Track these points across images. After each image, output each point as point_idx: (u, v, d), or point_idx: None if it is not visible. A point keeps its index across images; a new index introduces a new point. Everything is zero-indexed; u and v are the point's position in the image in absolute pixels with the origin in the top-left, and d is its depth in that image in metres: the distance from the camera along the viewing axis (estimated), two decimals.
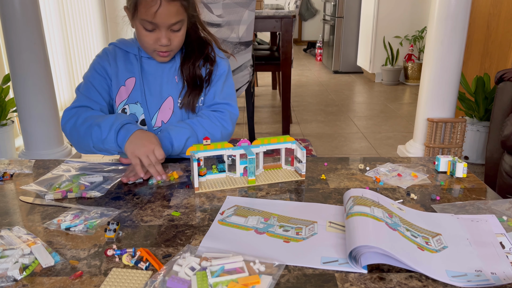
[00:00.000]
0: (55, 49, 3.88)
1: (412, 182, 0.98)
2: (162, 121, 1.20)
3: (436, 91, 2.50)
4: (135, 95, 1.19)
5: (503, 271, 0.65)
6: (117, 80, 1.18)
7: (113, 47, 1.22)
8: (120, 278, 0.64)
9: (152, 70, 1.19)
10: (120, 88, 1.18)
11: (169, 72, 1.19)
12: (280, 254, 0.70)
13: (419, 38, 4.79)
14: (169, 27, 1.07)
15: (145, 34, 1.08)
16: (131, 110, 1.19)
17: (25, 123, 2.45)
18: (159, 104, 1.19)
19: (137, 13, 1.05)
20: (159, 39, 1.07)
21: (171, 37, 1.09)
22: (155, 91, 1.19)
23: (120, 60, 1.19)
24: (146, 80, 1.19)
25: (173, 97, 1.19)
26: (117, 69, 1.18)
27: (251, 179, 0.97)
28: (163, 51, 1.11)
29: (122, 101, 1.19)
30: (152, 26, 1.06)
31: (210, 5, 2.37)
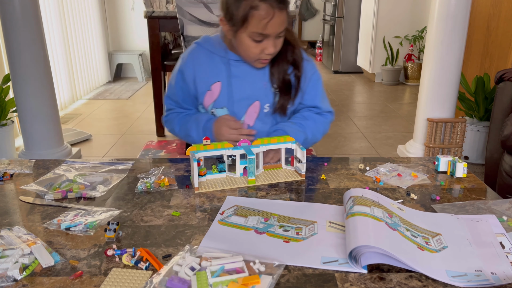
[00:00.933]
0: (55, 49, 3.87)
1: (412, 182, 0.98)
2: (248, 124, 1.21)
3: (436, 91, 2.50)
4: (222, 100, 1.19)
5: (503, 271, 0.65)
6: (202, 86, 1.19)
7: (197, 48, 1.21)
8: (120, 278, 0.64)
9: (240, 74, 1.18)
10: (207, 93, 1.19)
11: (257, 76, 1.18)
12: (280, 254, 0.70)
13: (419, 38, 4.78)
14: (277, 36, 1.07)
15: (253, 46, 1.07)
16: (217, 113, 1.20)
17: (25, 123, 2.45)
18: (246, 108, 1.20)
19: (247, 26, 1.04)
20: (266, 48, 1.07)
21: (276, 44, 1.09)
22: (242, 95, 1.18)
23: (205, 64, 1.18)
24: (233, 84, 1.18)
25: (260, 102, 1.19)
26: (202, 74, 1.18)
27: (251, 179, 0.97)
28: (267, 58, 1.11)
29: (209, 105, 1.21)
30: (262, 37, 1.05)
31: (210, 5, 2.37)
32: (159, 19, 2.89)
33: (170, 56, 3.31)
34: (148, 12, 2.87)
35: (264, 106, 1.20)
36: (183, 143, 3.04)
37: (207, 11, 2.39)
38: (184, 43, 2.49)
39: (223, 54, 1.17)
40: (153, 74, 3.06)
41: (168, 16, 2.86)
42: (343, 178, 1.01)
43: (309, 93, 1.22)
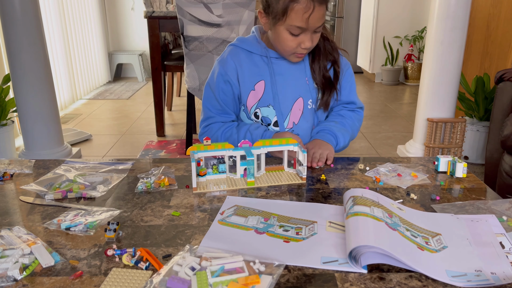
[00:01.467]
0: (55, 49, 3.87)
1: (412, 182, 0.98)
2: (293, 122, 1.20)
3: (436, 91, 2.50)
4: (267, 98, 1.18)
5: (503, 271, 0.65)
6: (245, 86, 1.18)
7: (236, 49, 1.19)
8: (120, 278, 0.64)
9: (282, 71, 1.18)
10: (250, 93, 1.18)
11: (299, 72, 1.19)
12: (280, 254, 0.70)
13: (419, 38, 4.78)
14: (315, 30, 1.07)
15: (290, 39, 1.07)
16: (263, 113, 1.19)
17: (25, 123, 2.45)
18: (291, 105, 1.19)
19: (286, 19, 1.04)
20: (303, 42, 1.07)
21: (313, 38, 1.09)
22: (286, 92, 1.18)
23: (246, 64, 1.18)
24: (276, 82, 1.18)
25: (303, 98, 1.19)
26: (244, 74, 1.17)
27: (250, 180, 0.97)
28: (303, 53, 1.11)
29: (253, 105, 1.19)
30: (299, 30, 1.05)
31: (210, 5, 2.37)
32: (159, 19, 2.89)
33: (170, 56, 3.31)
34: (148, 12, 2.87)
35: (307, 102, 1.20)
36: (183, 143, 3.04)
37: (207, 11, 2.39)
38: (184, 43, 2.49)
39: (263, 53, 1.17)
40: (153, 74, 3.06)
41: (168, 16, 2.86)
42: (343, 178, 1.01)
43: (345, 89, 1.23)
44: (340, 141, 1.17)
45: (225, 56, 1.20)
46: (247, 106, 1.20)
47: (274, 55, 1.17)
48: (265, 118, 1.20)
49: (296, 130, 1.21)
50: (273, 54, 1.17)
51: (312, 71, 1.18)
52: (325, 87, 1.19)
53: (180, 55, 3.19)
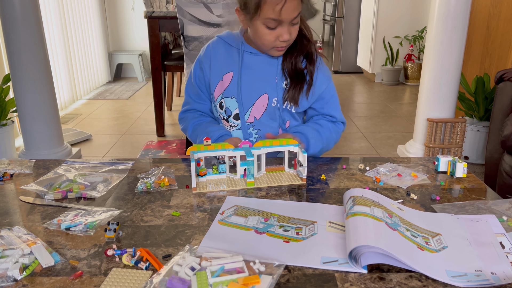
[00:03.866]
0: (55, 49, 3.87)
1: (412, 182, 0.98)
2: (255, 117, 1.21)
3: (436, 91, 2.50)
4: (232, 89, 1.20)
5: (503, 271, 0.65)
6: (215, 75, 1.21)
7: (217, 40, 1.24)
8: (120, 278, 0.64)
9: (253, 65, 1.19)
10: (219, 83, 1.21)
11: (270, 69, 1.19)
12: (280, 254, 0.70)
13: (419, 38, 4.78)
14: (291, 22, 1.07)
15: (267, 33, 1.09)
16: (226, 104, 1.21)
17: (25, 123, 2.45)
18: (254, 100, 1.20)
19: (260, 13, 1.06)
20: (281, 35, 1.08)
21: (291, 31, 1.09)
22: (251, 86, 1.20)
23: (221, 55, 1.21)
24: (244, 75, 1.19)
25: (268, 95, 1.20)
26: (216, 64, 1.21)
27: (250, 181, 0.97)
28: (283, 46, 1.12)
29: (219, 95, 1.22)
30: (275, 23, 1.06)
31: (210, 5, 2.37)
32: (159, 19, 2.89)
33: (170, 56, 3.31)
34: (148, 12, 2.87)
35: (272, 100, 1.20)
36: (183, 143, 3.04)
37: (207, 11, 2.39)
38: (184, 43, 2.49)
39: (239, 46, 1.19)
40: (153, 74, 3.06)
41: (168, 16, 2.86)
42: (343, 178, 1.01)
43: (326, 102, 1.23)
44: (311, 147, 1.16)
45: (205, 46, 1.26)
46: (214, 95, 1.23)
47: (249, 50, 1.19)
48: (227, 109, 1.22)
49: (258, 125, 1.21)
50: (248, 48, 1.19)
51: (283, 66, 1.18)
52: (293, 79, 1.18)
53: (180, 55, 3.19)
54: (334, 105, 1.25)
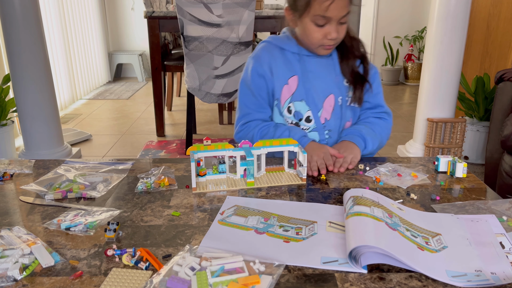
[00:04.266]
0: (55, 49, 3.87)
1: (412, 182, 0.98)
2: (325, 118, 1.21)
3: (436, 91, 2.50)
4: (300, 93, 1.19)
5: (503, 271, 0.65)
6: (279, 80, 1.19)
7: (269, 45, 1.22)
8: (120, 278, 0.64)
9: (313, 68, 1.20)
10: (284, 87, 1.20)
11: (329, 69, 1.21)
12: (280, 254, 0.70)
13: (419, 38, 4.78)
14: (339, 20, 1.09)
15: (315, 30, 1.10)
16: (296, 107, 1.20)
17: (25, 123, 2.45)
18: (322, 101, 1.20)
19: (310, 10, 1.08)
20: (329, 33, 1.09)
21: (339, 30, 1.11)
22: (318, 88, 1.20)
23: (279, 59, 1.20)
24: (308, 78, 1.19)
25: (334, 95, 1.20)
26: (278, 68, 1.20)
27: (250, 181, 0.97)
28: (330, 44, 1.13)
29: (287, 99, 1.20)
30: (324, 20, 1.08)
31: (210, 5, 2.37)
32: (159, 19, 2.89)
33: (170, 56, 3.31)
34: (148, 12, 2.87)
35: (337, 99, 1.21)
36: (183, 143, 3.04)
37: (207, 11, 2.39)
38: (184, 43, 2.49)
39: (295, 50, 1.19)
40: (153, 74, 3.06)
41: (168, 16, 2.86)
42: (343, 178, 1.01)
43: (376, 94, 1.25)
44: (368, 144, 1.17)
45: (258, 51, 1.23)
46: (281, 100, 1.21)
47: (306, 53, 1.19)
48: (298, 113, 1.20)
49: (328, 126, 1.21)
50: (305, 51, 1.19)
51: (342, 68, 1.20)
52: (356, 82, 1.20)
53: (180, 55, 3.19)
54: (380, 95, 1.27)
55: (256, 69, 1.20)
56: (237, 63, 2.53)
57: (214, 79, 2.55)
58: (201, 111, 3.90)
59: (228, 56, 2.49)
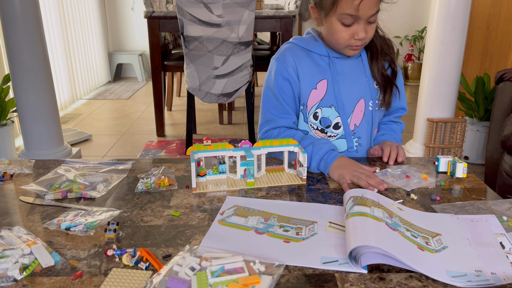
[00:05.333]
0: (55, 49, 3.87)
1: (420, 184, 0.96)
2: (355, 124, 1.16)
3: (436, 91, 2.50)
4: (329, 98, 1.13)
5: (503, 271, 0.65)
6: (307, 84, 1.13)
7: (294, 47, 1.15)
8: (120, 278, 0.64)
9: (343, 71, 1.14)
10: (311, 92, 1.13)
11: (359, 72, 1.15)
12: (280, 254, 0.70)
13: (419, 38, 4.79)
14: (367, 20, 1.03)
15: (342, 30, 1.04)
16: (323, 113, 1.14)
17: (25, 123, 2.45)
18: (353, 106, 1.15)
19: (337, 8, 1.02)
20: (356, 33, 1.04)
21: (367, 30, 1.05)
22: (348, 93, 1.14)
23: (306, 62, 1.13)
24: (338, 82, 1.13)
25: (364, 99, 1.15)
26: (304, 71, 1.12)
27: (250, 181, 0.97)
28: (358, 44, 1.07)
29: (314, 105, 1.14)
30: (352, 20, 1.02)
31: (210, 5, 2.37)
32: (159, 19, 2.89)
33: (170, 56, 3.31)
34: (148, 12, 2.87)
35: (368, 103, 1.16)
36: (183, 143, 3.04)
37: (207, 11, 2.39)
38: (184, 43, 2.49)
39: (323, 51, 1.13)
40: (153, 74, 3.06)
41: (168, 16, 2.86)
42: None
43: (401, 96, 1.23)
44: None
45: (282, 52, 1.16)
46: (307, 106, 1.14)
47: (335, 55, 1.13)
48: (325, 119, 1.14)
49: (358, 133, 1.16)
50: (335, 53, 1.13)
51: (372, 70, 1.15)
52: (386, 86, 1.16)
53: (180, 55, 3.19)
54: (404, 97, 1.25)
55: (281, 72, 1.13)
56: (237, 63, 2.53)
57: (214, 79, 2.55)
58: (201, 111, 3.90)
59: (228, 56, 2.49)
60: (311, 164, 1.04)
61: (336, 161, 1.02)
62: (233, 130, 3.39)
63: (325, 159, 1.03)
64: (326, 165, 1.02)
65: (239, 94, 2.66)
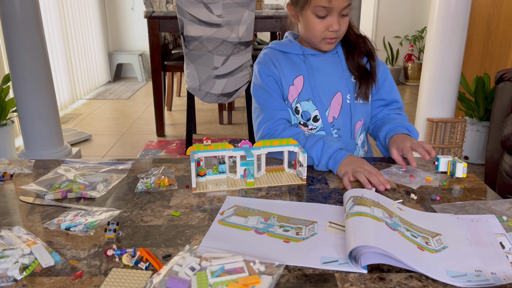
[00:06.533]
0: (55, 49, 3.87)
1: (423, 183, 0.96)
2: (333, 116, 1.20)
3: (436, 91, 2.50)
4: (306, 93, 1.19)
5: (503, 271, 0.65)
6: (285, 81, 1.19)
7: (271, 50, 1.23)
8: (120, 278, 0.64)
9: (319, 67, 1.20)
10: (290, 88, 1.19)
11: (335, 67, 1.21)
12: (280, 254, 0.70)
13: (419, 38, 4.79)
14: (340, 12, 1.09)
15: (317, 22, 1.10)
16: (303, 107, 1.19)
17: (25, 123, 2.45)
18: (329, 99, 1.20)
19: (311, 2, 1.08)
20: (330, 25, 1.09)
21: (340, 22, 1.11)
22: (324, 87, 1.19)
23: (283, 61, 1.20)
24: (314, 77, 1.19)
25: (341, 92, 1.20)
26: (282, 69, 1.19)
27: (250, 181, 0.97)
28: (332, 37, 1.12)
29: (294, 100, 1.20)
30: (325, 11, 1.08)
31: (210, 5, 2.37)
32: (159, 19, 2.89)
33: (170, 56, 3.31)
34: (148, 12, 2.87)
35: (346, 97, 1.20)
36: (183, 143, 3.04)
37: (207, 11, 2.39)
38: (184, 43, 2.49)
39: (298, 51, 1.20)
40: (153, 74, 3.06)
41: (168, 16, 2.86)
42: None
43: (385, 88, 1.25)
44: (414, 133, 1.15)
45: (262, 56, 1.24)
46: (289, 101, 1.20)
47: (310, 52, 1.19)
48: (305, 113, 1.19)
49: (337, 125, 1.20)
50: (309, 51, 1.19)
51: (348, 64, 1.20)
52: (362, 76, 1.20)
53: (180, 55, 3.19)
54: (394, 90, 1.27)
55: (264, 71, 1.20)
56: (237, 63, 2.53)
57: (214, 79, 2.55)
58: (201, 111, 3.90)
59: (228, 56, 2.49)
60: (321, 161, 1.06)
61: (345, 159, 1.03)
62: (233, 130, 3.39)
63: (334, 157, 1.05)
64: (335, 163, 1.04)
65: (239, 94, 2.66)
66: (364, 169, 0.98)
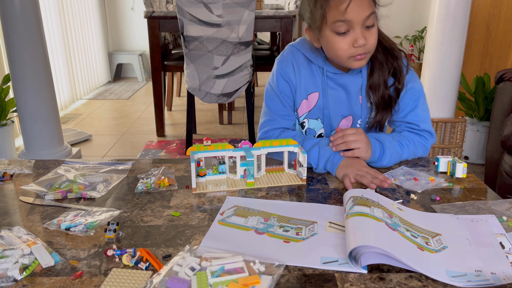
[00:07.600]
0: (55, 49, 3.88)
1: (428, 186, 0.96)
2: None
3: (436, 91, 2.50)
4: (317, 111, 1.13)
5: (503, 271, 0.65)
6: (300, 92, 1.12)
7: (296, 51, 1.13)
8: (120, 278, 0.64)
9: (337, 87, 1.11)
10: (303, 101, 1.13)
11: (353, 88, 1.11)
12: (280, 254, 0.70)
13: (419, 38, 4.78)
14: (363, 24, 0.97)
15: (338, 40, 0.99)
16: (309, 124, 1.15)
17: (25, 123, 2.45)
18: (338, 121, 1.14)
19: (327, 19, 0.97)
20: (355, 41, 0.97)
21: (366, 36, 0.98)
22: (337, 108, 1.13)
23: (304, 70, 1.12)
24: (330, 97, 1.12)
25: (353, 117, 1.13)
26: (300, 79, 1.12)
27: (250, 181, 0.97)
28: (360, 53, 1.00)
29: (303, 114, 1.15)
30: (345, 26, 0.97)
31: (210, 5, 2.37)
32: (159, 19, 2.89)
33: (170, 56, 3.31)
34: (148, 12, 2.87)
35: (357, 121, 1.14)
36: (183, 143, 3.04)
37: (207, 11, 2.39)
38: (184, 43, 2.49)
39: (320, 64, 1.10)
40: (153, 74, 3.06)
41: (168, 16, 2.86)
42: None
43: (405, 106, 1.11)
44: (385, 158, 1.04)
45: (286, 56, 1.15)
46: (298, 114, 1.15)
47: (332, 70, 1.10)
48: (310, 130, 1.16)
49: None
50: (331, 69, 1.10)
51: (369, 88, 1.09)
52: (380, 106, 1.09)
53: (180, 55, 3.19)
54: (416, 111, 1.11)
55: (282, 73, 1.13)
56: (237, 63, 2.53)
57: (214, 79, 2.55)
58: (201, 111, 3.90)
59: (228, 56, 2.49)
60: (319, 165, 1.04)
61: (343, 161, 1.02)
62: (233, 130, 3.39)
63: (331, 160, 1.03)
64: (333, 166, 1.02)
65: (239, 94, 2.66)
66: (367, 173, 0.97)
